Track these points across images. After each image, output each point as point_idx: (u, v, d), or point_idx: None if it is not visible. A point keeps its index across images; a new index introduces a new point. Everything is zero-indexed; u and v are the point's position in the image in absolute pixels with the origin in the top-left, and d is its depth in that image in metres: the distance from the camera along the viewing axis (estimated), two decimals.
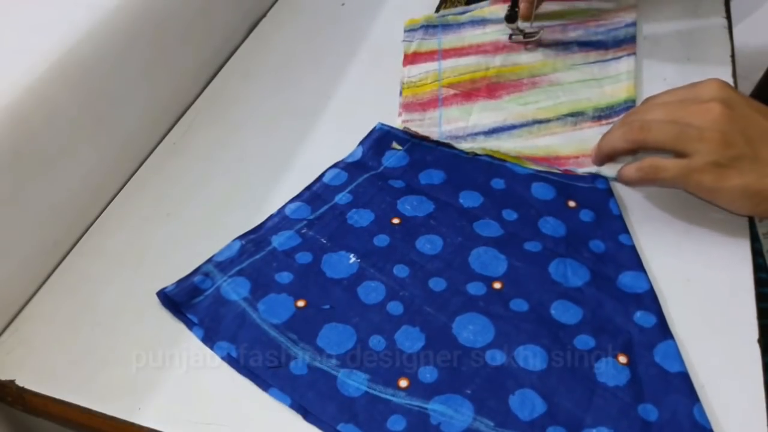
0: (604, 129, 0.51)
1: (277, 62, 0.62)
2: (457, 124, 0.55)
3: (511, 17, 0.60)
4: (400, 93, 0.58)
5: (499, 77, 0.58)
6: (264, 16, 0.68)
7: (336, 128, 0.55)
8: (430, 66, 0.59)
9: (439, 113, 0.55)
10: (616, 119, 0.53)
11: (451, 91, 0.57)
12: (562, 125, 0.54)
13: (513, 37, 0.62)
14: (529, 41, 0.62)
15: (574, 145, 0.52)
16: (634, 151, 0.47)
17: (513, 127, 0.54)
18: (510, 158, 0.51)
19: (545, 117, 0.55)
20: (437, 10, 0.69)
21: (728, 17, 0.67)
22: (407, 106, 0.56)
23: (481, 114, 0.55)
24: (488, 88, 0.57)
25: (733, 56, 0.63)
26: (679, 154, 0.44)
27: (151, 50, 0.51)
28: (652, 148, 0.45)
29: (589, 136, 0.52)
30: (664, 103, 0.46)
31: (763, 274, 0.45)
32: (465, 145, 0.52)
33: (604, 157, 0.49)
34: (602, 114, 0.54)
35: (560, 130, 0.54)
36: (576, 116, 0.55)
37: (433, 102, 0.56)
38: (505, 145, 0.52)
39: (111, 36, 0.47)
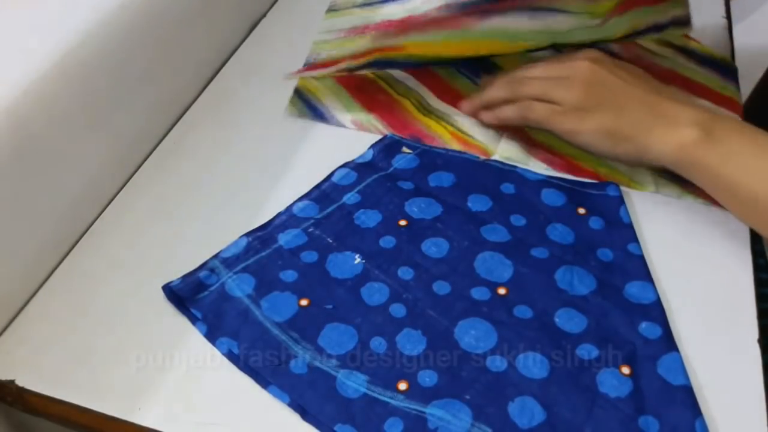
0: None
1: (277, 62, 0.63)
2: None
3: None
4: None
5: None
6: (264, 16, 0.69)
7: (336, 128, 0.56)
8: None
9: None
10: None
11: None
12: None
13: None
14: None
15: None
16: (512, 100, 0.54)
17: None
18: None
19: None
20: None
21: (728, 17, 0.67)
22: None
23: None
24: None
25: (732, 56, 0.64)
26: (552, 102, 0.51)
27: (152, 50, 0.52)
28: (526, 98, 0.52)
29: None
30: (545, 64, 0.53)
31: (764, 275, 0.45)
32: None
33: (481, 105, 0.56)
34: None
35: None
36: None
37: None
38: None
39: (111, 36, 0.48)
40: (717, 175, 0.46)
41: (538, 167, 0.54)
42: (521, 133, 0.56)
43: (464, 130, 0.57)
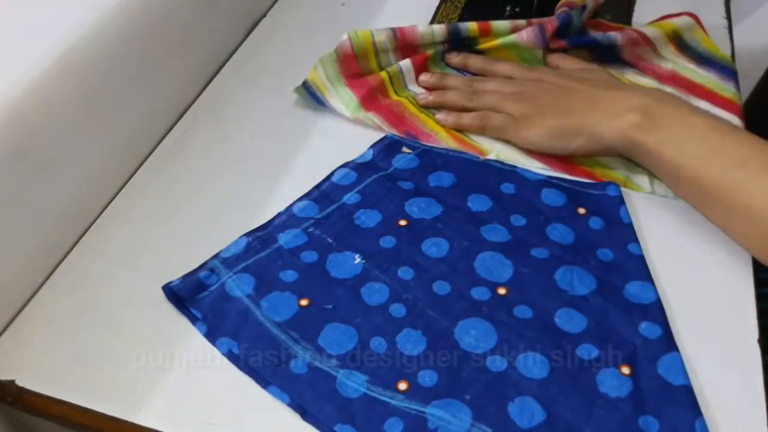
0: None
1: (277, 62, 0.63)
2: None
3: None
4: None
5: None
6: (264, 16, 0.69)
7: (336, 128, 0.56)
8: None
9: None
10: None
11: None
12: None
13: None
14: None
15: None
16: (469, 109, 0.58)
17: None
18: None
19: None
20: (436, 12, 0.69)
21: (728, 17, 0.67)
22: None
23: None
24: None
25: (733, 56, 0.64)
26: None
27: (151, 50, 0.52)
28: (483, 109, 0.57)
29: None
30: (498, 80, 0.59)
31: (763, 275, 0.45)
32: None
33: (437, 105, 0.59)
34: None
35: None
36: None
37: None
38: None
39: (111, 36, 0.48)
40: (659, 158, 0.48)
41: (536, 167, 0.54)
42: None
43: (461, 129, 0.57)
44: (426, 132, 0.57)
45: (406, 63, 0.60)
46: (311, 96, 0.58)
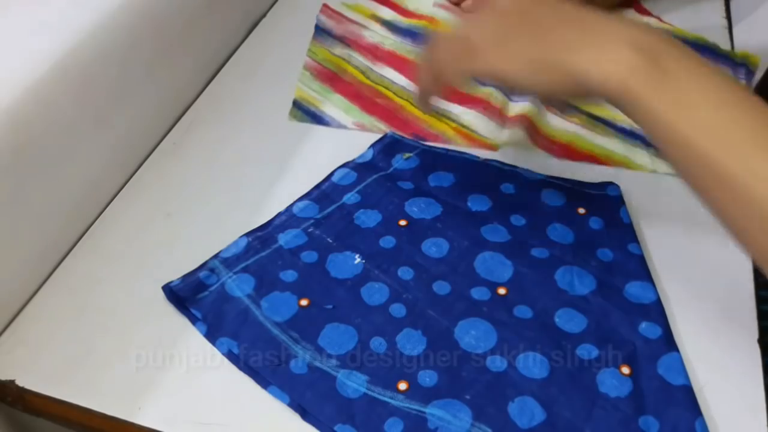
0: None
1: (277, 62, 0.63)
2: None
3: None
4: None
5: None
6: (264, 16, 0.69)
7: (335, 128, 0.55)
8: None
9: None
10: None
11: None
12: None
13: None
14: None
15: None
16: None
17: None
18: None
19: None
20: None
21: (728, 17, 0.67)
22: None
23: None
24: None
25: None
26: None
27: (152, 51, 0.52)
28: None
29: None
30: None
31: (763, 277, 0.45)
32: None
33: (427, 92, 0.47)
34: None
35: None
36: None
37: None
38: None
39: (111, 37, 0.48)
40: (667, 125, 0.36)
41: (539, 156, 0.54)
42: (526, 122, 0.57)
43: (467, 126, 0.57)
44: (433, 133, 0.57)
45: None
46: (306, 114, 0.58)
